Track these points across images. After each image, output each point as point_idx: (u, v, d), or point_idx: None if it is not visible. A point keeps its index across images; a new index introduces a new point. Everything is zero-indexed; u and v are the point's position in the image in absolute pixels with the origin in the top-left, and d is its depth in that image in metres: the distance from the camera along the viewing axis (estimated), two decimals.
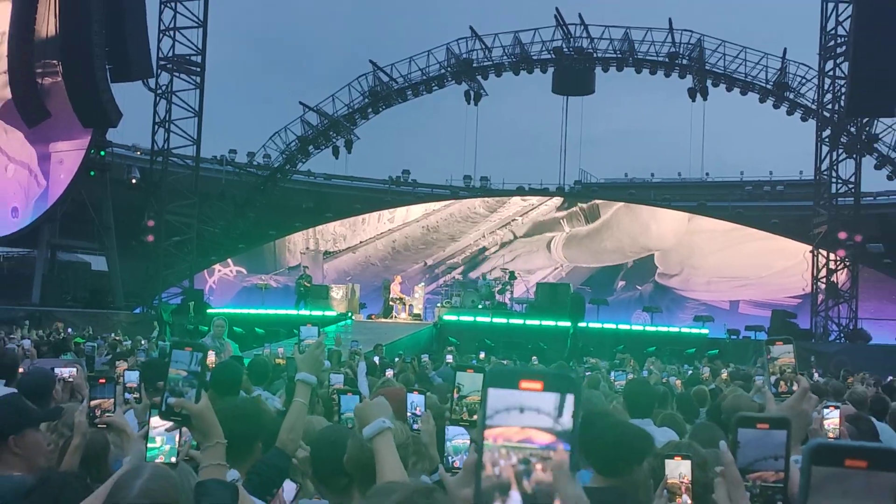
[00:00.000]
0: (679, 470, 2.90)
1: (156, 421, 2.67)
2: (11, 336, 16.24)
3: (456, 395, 2.93)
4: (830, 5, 25.37)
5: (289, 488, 3.23)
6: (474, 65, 31.24)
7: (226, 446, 2.64)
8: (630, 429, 3.79)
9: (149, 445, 2.71)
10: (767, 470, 1.41)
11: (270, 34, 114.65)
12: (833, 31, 25.41)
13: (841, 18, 25.04)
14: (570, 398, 0.90)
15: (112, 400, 3.50)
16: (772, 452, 1.43)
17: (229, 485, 2.30)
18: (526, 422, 0.89)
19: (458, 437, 3.00)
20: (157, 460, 2.68)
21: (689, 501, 2.78)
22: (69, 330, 20.83)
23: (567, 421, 0.89)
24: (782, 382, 3.56)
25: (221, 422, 2.98)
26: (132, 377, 5.29)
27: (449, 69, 31.53)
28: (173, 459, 2.61)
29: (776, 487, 1.40)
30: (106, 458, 3.10)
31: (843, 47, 24.87)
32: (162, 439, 2.68)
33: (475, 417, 2.76)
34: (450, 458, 2.93)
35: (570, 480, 0.89)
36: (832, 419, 3.87)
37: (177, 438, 2.68)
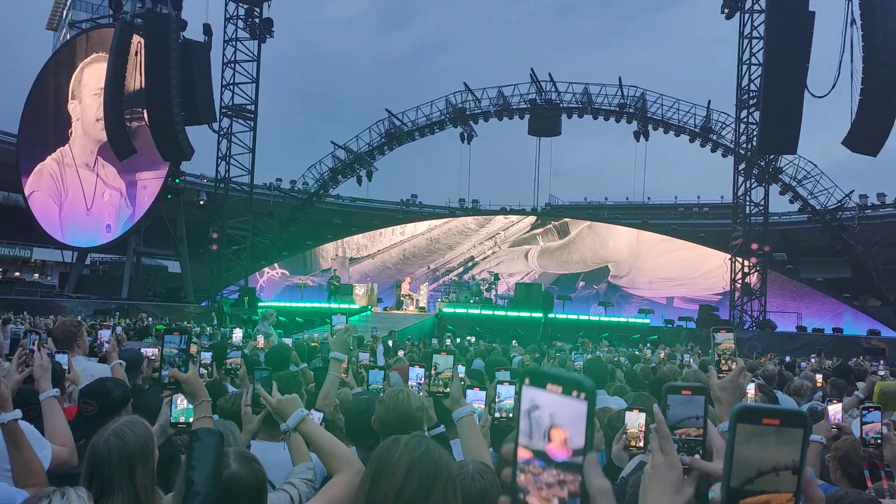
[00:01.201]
0: (638, 421, 2.98)
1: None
2: (105, 323, 16.25)
3: (433, 372, 2.95)
4: (745, 67, 25.53)
5: (317, 416, 3.24)
6: (467, 112, 31.19)
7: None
8: None
9: (174, 411, 2.75)
10: (691, 427, 1.43)
11: (309, 88, 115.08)
12: (747, 87, 25.53)
13: (753, 77, 25.17)
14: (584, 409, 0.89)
15: None
16: (694, 413, 1.45)
17: (215, 431, 2.27)
18: (552, 441, 0.88)
19: (476, 402, 3.02)
20: (179, 420, 2.73)
21: (642, 444, 2.83)
22: (150, 319, 20.86)
23: (581, 440, 0.88)
24: (724, 362, 3.60)
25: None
26: (206, 356, 5.27)
27: (447, 116, 31.52)
28: (191, 420, 2.61)
29: (697, 440, 1.42)
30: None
31: (755, 100, 24.95)
32: (183, 405, 2.70)
33: (448, 389, 2.81)
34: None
35: (598, 474, 0.90)
36: (750, 391, 3.93)
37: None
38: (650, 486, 1.30)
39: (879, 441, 3.03)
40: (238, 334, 7.68)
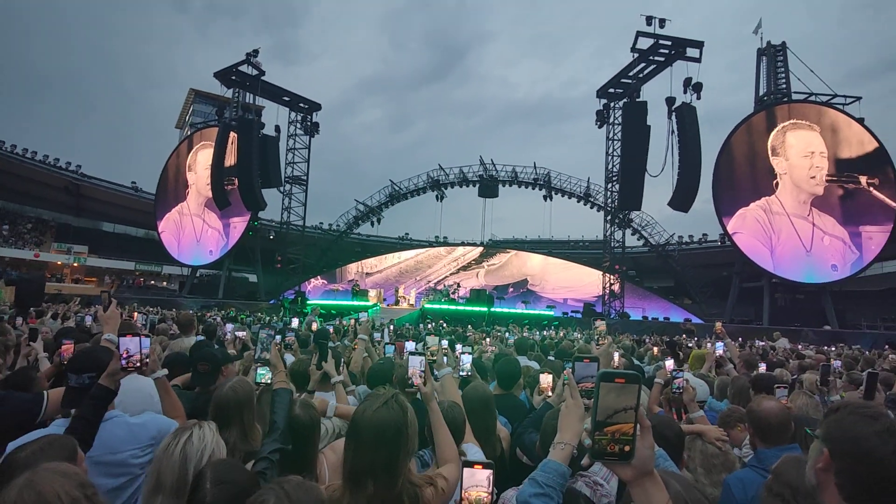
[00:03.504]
0: (547, 380, 3.01)
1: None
2: (209, 315, 15.88)
3: (425, 346, 2.97)
4: (609, 157, 26.14)
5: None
6: (440, 182, 31.36)
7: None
8: (515, 363, 3.83)
9: (258, 373, 2.74)
10: (588, 382, 1.46)
11: (342, 165, 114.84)
12: (611, 169, 26.12)
13: (614, 164, 25.77)
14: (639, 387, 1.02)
15: None
16: (590, 374, 1.47)
17: (288, 389, 2.24)
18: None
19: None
20: (261, 381, 2.73)
21: (552, 394, 2.87)
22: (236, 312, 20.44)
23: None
24: (600, 338, 3.65)
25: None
26: (278, 338, 5.16)
27: (428, 184, 31.62)
28: (268, 380, 2.61)
29: (591, 391, 1.46)
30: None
31: (616, 177, 25.54)
32: (264, 371, 2.68)
33: (435, 357, 2.79)
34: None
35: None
36: (615, 359, 4.00)
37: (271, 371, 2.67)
38: (565, 417, 1.35)
39: (681, 391, 3.14)
40: (295, 322, 7.56)
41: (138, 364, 2.14)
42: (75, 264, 34.85)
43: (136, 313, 5.74)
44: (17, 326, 5.67)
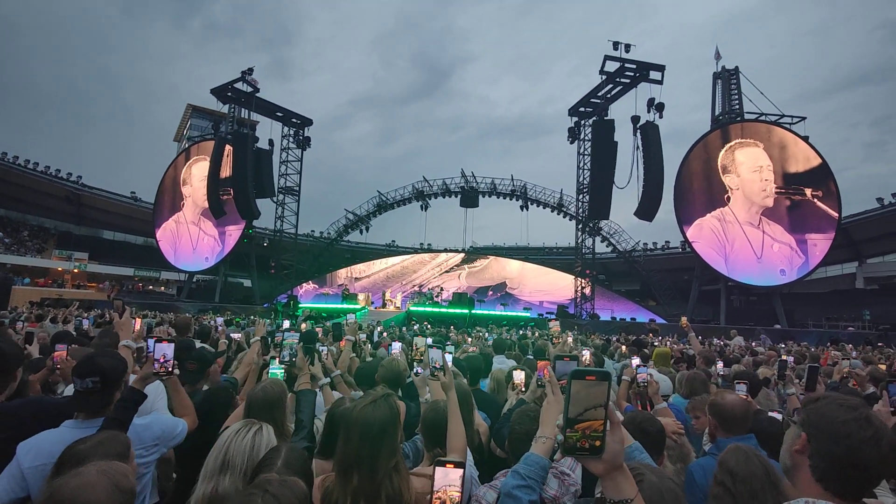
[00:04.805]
0: (520, 377, 2.99)
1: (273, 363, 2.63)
2: (205, 317, 15.52)
3: (415, 347, 2.95)
4: (580, 170, 26.40)
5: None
6: (425, 193, 31.36)
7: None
8: (479, 359, 3.81)
9: (270, 371, 2.68)
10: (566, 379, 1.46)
11: (333, 176, 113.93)
12: (581, 181, 26.38)
13: (585, 176, 25.98)
14: (608, 385, 1.01)
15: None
16: (569, 370, 1.47)
17: (313, 391, 2.25)
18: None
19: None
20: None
21: (523, 389, 2.85)
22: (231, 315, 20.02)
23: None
24: (555, 338, 3.63)
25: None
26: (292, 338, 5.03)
27: (413, 195, 31.59)
28: (281, 379, 2.55)
29: None
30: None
31: (586, 189, 25.78)
32: (276, 371, 2.64)
33: (421, 358, 2.77)
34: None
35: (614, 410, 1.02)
36: (585, 356, 3.99)
37: (283, 370, 2.62)
38: (546, 412, 1.34)
39: (646, 384, 3.17)
40: (286, 324, 7.45)
41: (170, 369, 2.12)
42: (76, 270, 33.94)
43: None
44: (17, 331, 5.49)
